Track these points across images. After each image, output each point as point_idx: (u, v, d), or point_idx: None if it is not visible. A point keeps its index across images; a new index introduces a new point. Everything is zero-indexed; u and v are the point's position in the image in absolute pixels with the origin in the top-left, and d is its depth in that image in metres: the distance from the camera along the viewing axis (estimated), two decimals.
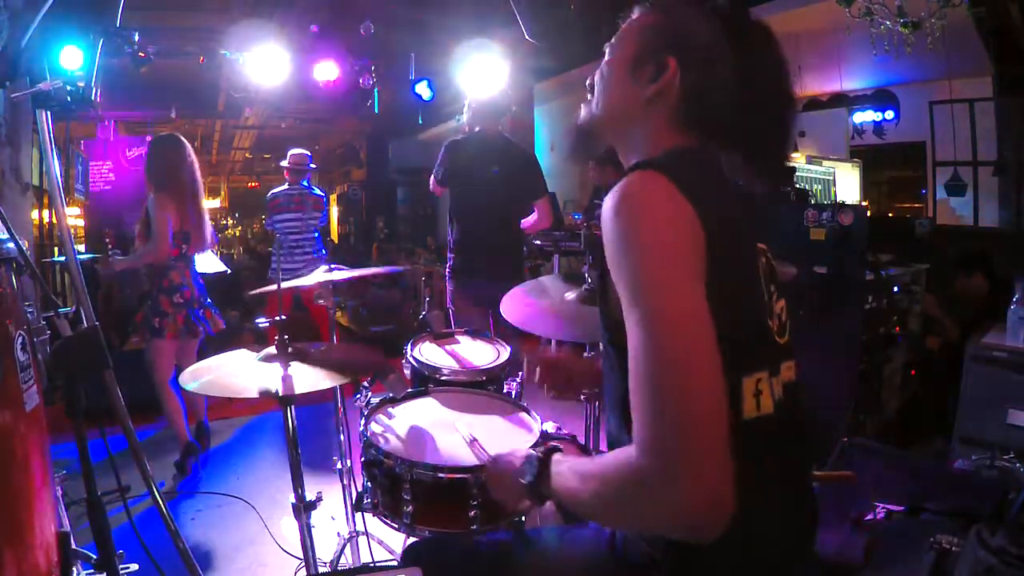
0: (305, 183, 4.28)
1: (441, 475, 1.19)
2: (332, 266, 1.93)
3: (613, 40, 0.95)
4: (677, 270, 0.69)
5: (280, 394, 1.27)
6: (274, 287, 1.53)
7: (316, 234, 4.27)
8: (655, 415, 0.65)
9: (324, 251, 4.30)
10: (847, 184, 4.91)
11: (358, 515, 1.91)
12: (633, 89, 0.89)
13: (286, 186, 4.24)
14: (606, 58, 0.95)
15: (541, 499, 0.87)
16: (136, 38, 4.15)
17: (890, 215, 5.77)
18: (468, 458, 1.24)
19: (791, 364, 0.86)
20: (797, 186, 3.30)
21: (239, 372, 1.37)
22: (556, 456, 0.86)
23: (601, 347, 0.92)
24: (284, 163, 4.30)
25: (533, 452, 0.89)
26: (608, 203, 0.75)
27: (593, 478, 0.75)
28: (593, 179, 4.17)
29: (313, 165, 4.38)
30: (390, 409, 1.49)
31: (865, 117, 5.42)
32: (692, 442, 0.63)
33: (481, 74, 4.55)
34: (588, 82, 0.98)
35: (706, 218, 0.72)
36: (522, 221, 3.08)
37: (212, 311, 3.01)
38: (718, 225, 0.73)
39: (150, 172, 2.90)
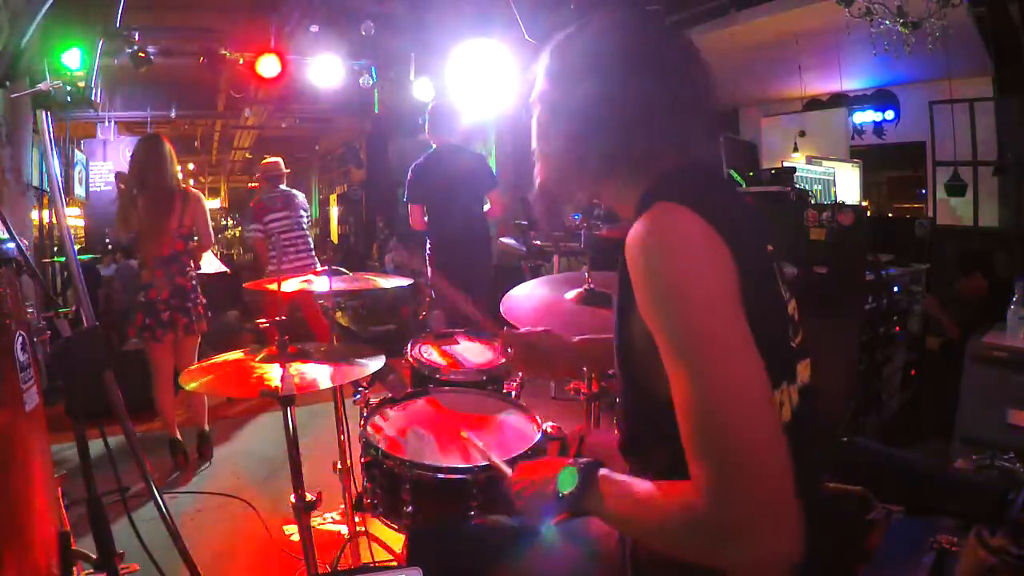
0: (283, 187, 4.28)
1: (441, 475, 1.19)
2: (332, 269, 1.92)
3: None
4: (725, 319, 0.68)
5: (280, 394, 1.27)
6: (272, 284, 1.53)
7: (307, 234, 4.29)
8: (723, 469, 0.65)
9: (314, 252, 4.32)
10: (847, 184, 4.90)
11: (358, 515, 1.91)
12: None
13: (265, 192, 4.27)
14: None
15: (578, 513, 0.83)
16: (136, 38, 4.16)
17: (890, 215, 5.77)
18: (468, 459, 1.24)
19: (806, 363, 0.85)
20: (797, 186, 3.30)
21: (239, 372, 1.37)
22: (603, 471, 0.81)
23: (617, 371, 0.89)
24: (256, 175, 4.35)
25: (572, 463, 0.84)
26: (638, 241, 0.72)
27: (653, 510, 0.73)
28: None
29: (287, 170, 4.39)
30: (390, 409, 1.49)
31: (865, 117, 5.42)
32: (764, 496, 0.63)
33: (481, 74, 4.55)
34: None
35: (736, 251, 0.71)
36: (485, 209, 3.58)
37: (180, 314, 2.88)
38: (746, 255, 0.72)
39: None
